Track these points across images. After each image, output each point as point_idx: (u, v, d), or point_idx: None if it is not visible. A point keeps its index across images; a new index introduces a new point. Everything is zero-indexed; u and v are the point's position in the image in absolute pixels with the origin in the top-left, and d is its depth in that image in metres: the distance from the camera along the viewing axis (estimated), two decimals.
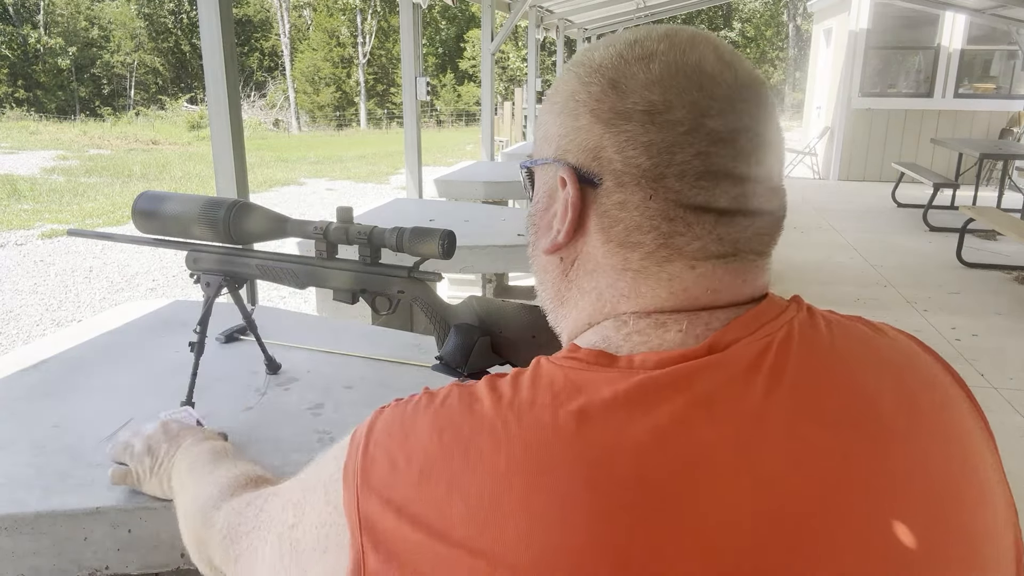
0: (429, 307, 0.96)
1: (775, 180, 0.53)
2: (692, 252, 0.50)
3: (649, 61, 0.51)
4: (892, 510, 0.46)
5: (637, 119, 0.50)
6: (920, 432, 0.50)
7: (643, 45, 0.52)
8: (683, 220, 0.50)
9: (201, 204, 1.04)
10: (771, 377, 0.47)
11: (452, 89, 30.30)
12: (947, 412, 0.53)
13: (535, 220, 0.59)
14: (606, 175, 0.51)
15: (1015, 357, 3.71)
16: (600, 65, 0.53)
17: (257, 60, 32.02)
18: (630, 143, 0.50)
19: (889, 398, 0.50)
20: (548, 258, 0.57)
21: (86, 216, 8.07)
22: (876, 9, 9.80)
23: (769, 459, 0.45)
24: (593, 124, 0.51)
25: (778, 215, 0.55)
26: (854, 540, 0.44)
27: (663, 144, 0.49)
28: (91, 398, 1.15)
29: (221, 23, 1.89)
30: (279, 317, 1.56)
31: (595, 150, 0.51)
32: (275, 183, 11.05)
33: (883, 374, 0.52)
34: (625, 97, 0.50)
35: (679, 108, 0.49)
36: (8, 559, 0.86)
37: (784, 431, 0.46)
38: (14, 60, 27.34)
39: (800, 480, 0.45)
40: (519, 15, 5.44)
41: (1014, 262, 5.59)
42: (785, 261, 5.62)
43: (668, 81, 0.50)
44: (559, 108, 0.55)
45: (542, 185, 0.58)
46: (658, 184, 0.50)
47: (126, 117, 25.02)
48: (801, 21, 29.75)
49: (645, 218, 0.50)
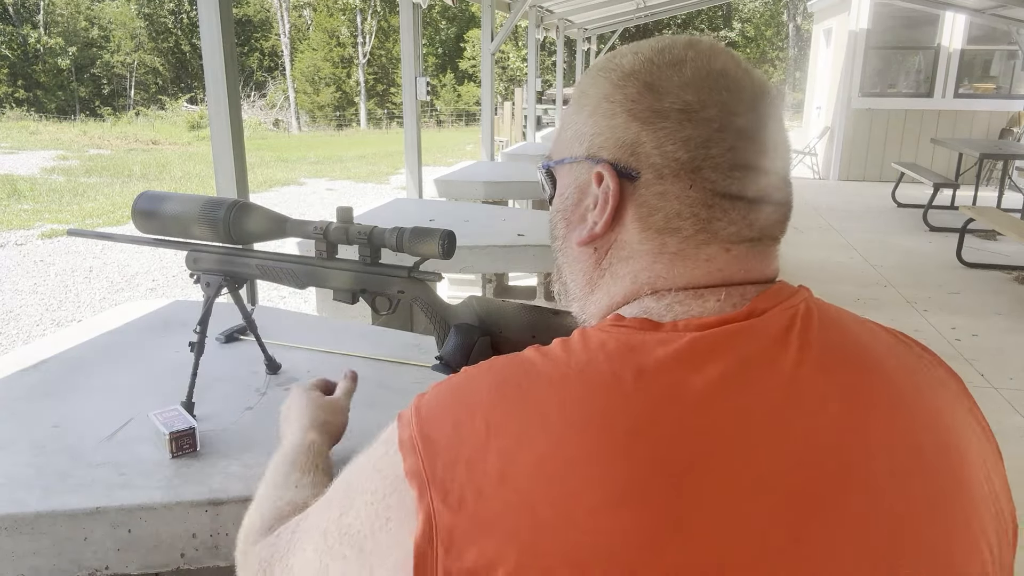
0: (429, 307, 0.96)
1: (786, 173, 0.59)
2: (728, 236, 0.55)
3: (681, 66, 0.56)
4: (905, 481, 0.50)
5: (674, 117, 0.54)
6: (925, 400, 0.55)
7: (672, 52, 0.57)
8: (720, 207, 0.55)
9: (201, 204, 1.04)
10: (800, 347, 0.52)
11: (452, 89, 30.30)
12: (941, 388, 0.58)
13: (566, 215, 0.62)
14: (644, 168, 0.55)
15: (1015, 357, 3.71)
16: (633, 70, 0.57)
17: (257, 60, 32.02)
18: (669, 139, 0.54)
19: (899, 372, 0.55)
20: (581, 249, 0.60)
21: (86, 216, 8.08)
22: (876, 9, 9.79)
23: (801, 421, 0.49)
24: (630, 122, 0.56)
25: (789, 204, 0.59)
26: (871, 510, 0.48)
27: (699, 139, 0.54)
28: (91, 398, 1.15)
29: (221, 23, 1.89)
30: (279, 317, 1.56)
31: (633, 146, 0.55)
32: (275, 183, 11.05)
33: (887, 350, 0.57)
34: (662, 98, 0.55)
35: (712, 107, 0.54)
36: (8, 559, 0.86)
37: (811, 394, 0.50)
38: (14, 60, 27.34)
39: (825, 446, 0.48)
40: (519, 15, 5.44)
41: (1014, 262, 5.60)
42: (785, 261, 5.59)
43: (700, 83, 0.55)
44: (590, 110, 0.59)
45: (571, 182, 0.61)
46: (696, 175, 0.54)
47: (126, 117, 25.02)
48: (801, 21, 29.75)
49: (685, 206, 0.55)
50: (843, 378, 0.52)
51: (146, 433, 1.04)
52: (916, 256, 5.88)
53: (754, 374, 0.49)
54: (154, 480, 0.93)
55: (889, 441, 0.51)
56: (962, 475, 0.53)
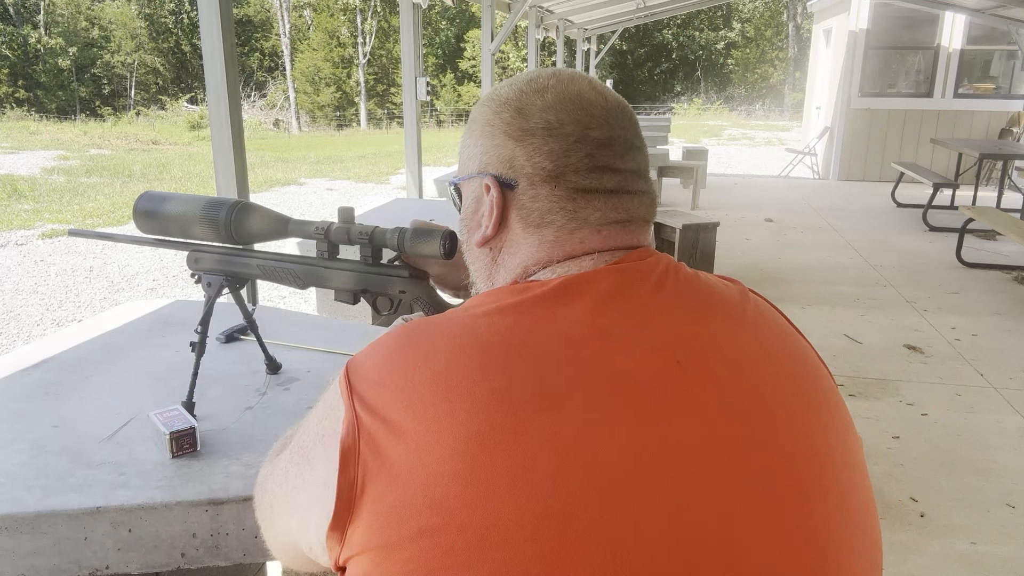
0: (431, 307, 0.96)
1: (644, 169, 0.71)
2: (596, 220, 0.67)
3: (544, 92, 0.69)
4: (754, 375, 0.61)
5: (539, 134, 0.67)
6: (772, 328, 0.67)
7: (537, 82, 0.70)
8: (584, 199, 0.67)
9: (202, 204, 1.04)
10: (657, 284, 0.65)
11: (452, 89, 30.29)
12: (789, 334, 0.69)
13: (467, 223, 0.74)
14: (520, 178, 0.68)
15: (1015, 357, 3.71)
16: (507, 98, 0.70)
17: (257, 60, 32.02)
18: (536, 152, 0.67)
19: (748, 309, 0.67)
20: (480, 250, 0.72)
21: (86, 216, 8.07)
22: (876, 9, 9.79)
23: (657, 333, 0.61)
24: (506, 141, 0.68)
25: (652, 193, 0.72)
26: (719, 396, 0.59)
27: (560, 151, 0.67)
28: (91, 398, 1.15)
29: (221, 23, 1.89)
30: (279, 317, 1.56)
31: (510, 160, 0.68)
32: (275, 183, 11.05)
33: (741, 295, 0.69)
34: (528, 119, 0.68)
35: (569, 124, 0.67)
36: (8, 559, 0.86)
37: (666, 315, 0.63)
38: (14, 60, 27.34)
39: (679, 348, 0.60)
40: (519, 15, 5.45)
41: (1013, 262, 5.60)
42: (785, 261, 5.63)
43: (559, 105, 0.68)
44: (478, 134, 0.71)
45: (469, 195, 0.73)
46: (560, 179, 0.67)
47: (126, 117, 25.01)
48: (801, 21, 29.75)
49: (554, 203, 0.67)
50: (693, 301, 0.65)
51: (146, 433, 1.04)
52: (916, 256, 5.88)
53: (614, 303, 0.62)
54: (154, 480, 0.93)
55: (736, 341, 0.63)
56: (819, 378, 0.65)
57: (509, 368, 0.56)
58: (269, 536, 0.74)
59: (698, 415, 0.57)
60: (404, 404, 0.56)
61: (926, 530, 2.26)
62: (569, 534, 0.50)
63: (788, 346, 0.66)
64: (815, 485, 0.58)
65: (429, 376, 0.56)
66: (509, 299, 0.62)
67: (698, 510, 0.53)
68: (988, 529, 2.26)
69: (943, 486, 2.50)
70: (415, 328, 0.62)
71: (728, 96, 31.64)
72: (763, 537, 0.54)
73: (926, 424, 2.97)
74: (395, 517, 0.53)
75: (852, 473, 0.62)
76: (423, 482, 0.52)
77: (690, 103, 30.66)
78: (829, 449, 0.61)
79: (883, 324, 4.20)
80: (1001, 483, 2.53)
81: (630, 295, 0.62)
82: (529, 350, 0.57)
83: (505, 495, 0.51)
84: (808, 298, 4.64)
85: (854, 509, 0.60)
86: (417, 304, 0.97)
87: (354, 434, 0.57)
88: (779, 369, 0.63)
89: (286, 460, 0.69)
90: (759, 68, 31.55)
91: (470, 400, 0.54)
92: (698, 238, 4.53)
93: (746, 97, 31.32)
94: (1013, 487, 2.50)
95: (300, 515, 0.64)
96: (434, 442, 0.53)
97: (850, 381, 3.38)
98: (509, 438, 0.52)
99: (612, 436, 0.54)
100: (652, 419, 0.55)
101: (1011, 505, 2.39)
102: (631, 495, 0.52)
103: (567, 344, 0.58)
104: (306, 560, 0.69)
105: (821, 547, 0.57)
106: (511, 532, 0.50)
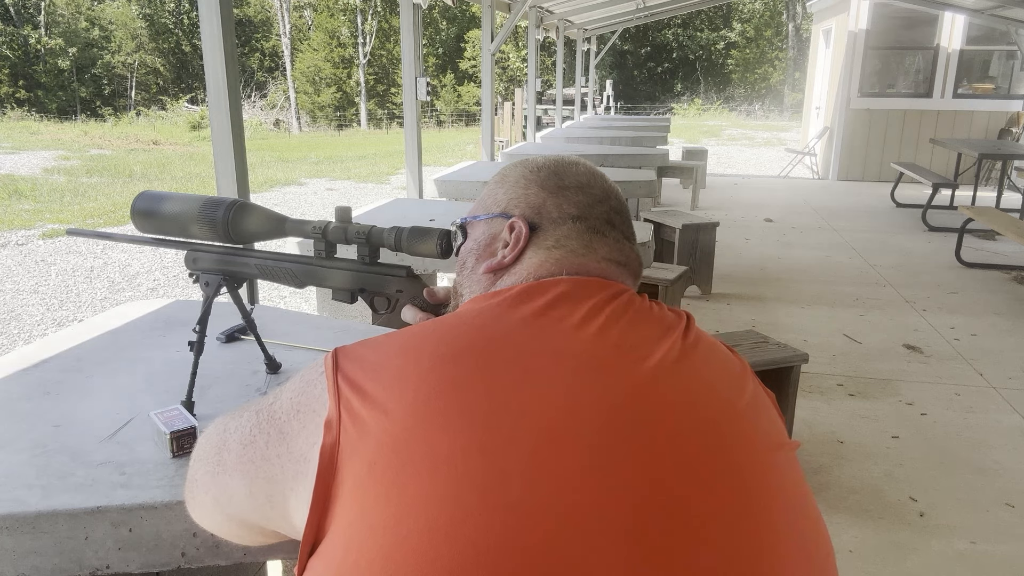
0: (429, 307, 0.96)
1: (634, 237, 0.84)
2: (603, 255, 0.78)
3: (576, 165, 0.84)
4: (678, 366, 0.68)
5: (573, 188, 0.81)
6: (702, 348, 0.73)
7: (568, 159, 0.85)
8: (598, 238, 0.79)
9: (200, 204, 1.04)
10: (593, 309, 0.70)
11: (452, 89, 30.28)
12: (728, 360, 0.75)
13: (475, 253, 0.83)
14: (544, 222, 0.80)
15: (1014, 357, 3.72)
16: (544, 164, 0.84)
17: (258, 60, 32.01)
18: (566, 202, 0.80)
19: (684, 327, 0.73)
20: (484, 275, 0.81)
21: (87, 216, 8.08)
22: (875, 9, 9.80)
23: (600, 325, 0.68)
24: (540, 191, 0.81)
25: (640, 263, 0.83)
26: (651, 369, 0.66)
27: (587, 203, 0.81)
28: (91, 398, 1.15)
29: (222, 23, 1.89)
30: (279, 317, 1.57)
31: (538, 207, 0.80)
32: (276, 183, 11.05)
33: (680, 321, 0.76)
34: (564, 179, 0.82)
35: (596, 188, 0.82)
36: (9, 558, 0.86)
37: (612, 318, 0.70)
38: (15, 60, 27.33)
39: (620, 339, 0.68)
40: (519, 15, 5.45)
41: (1013, 262, 5.60)
42: (785, 261, 5.63)
43: (589, 176, 0.83)
44: (511, 184, 0.84)
45: (485, 230, 0.83)
46: (580, 221, 0.80)
47: (127, 117, 25.00)
48: (801, 21, 29.75)
49: (572, 232, 0.79)
50: (640, 317, 0.72)
51: (147, 432, 1.04)
52: (915, 256, 5.88)
53: (567, 300, 0.70)
54: (155, 479, 0.93)
55: (663, 348, 0.68)
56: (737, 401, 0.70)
57: (458, 339, 0.65)
58: (207, 500, 0.74)
59: (626, 378, 0.64)
60: (375, 371, 0.63)
61: (925, 529, 2.26)
62: (498, 464, 0.57)
63: (711, 362, 0.72)
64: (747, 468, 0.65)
65: (398, 346, 0.65)
66: (485, 301, 0.72)
67: (624, 465, 0.59)
68: (987, 528, 2.27)
69: (942, 485, 2.51)
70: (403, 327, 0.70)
71: (728, 96, 31.61)
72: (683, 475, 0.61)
73: (925, 424, 2.97)
74: (372, 475, 0.58)
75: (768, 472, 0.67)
76: (390, 432, 0.58)
77: (690, 103, 30.63)
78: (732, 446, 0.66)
79: (882, 324, 4.21)
80: (1000, 482, 2.53)
81: (582, 296, 0.71)
82: (481, 330, 0.67)
83: (449, 429, 0.58)
84: (808, 298, 4.64)
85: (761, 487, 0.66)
86: (414, 304, 0.97)
87: (336, 405, 0.61)
88: (695, 374, 0.69)
89: (251, 425, 0.70)
90: (759, 68, 31.52)
91: (425, 361, 0.63)
92: (698, 238, 4.53)
93: (746, 97, 31.28)
94: (1012, 486, 2.50)
95: (269, 488, 0.66)
96: (395, 396, 0.60)
97: (849, 381, 3.39)
98: (451, 389, 0.60)
99: (545, 395, 0.61)
100: (586, 383, 0.63)
101: (1010, 504, 2.39)
102: (557, 443, 0.58)
103: (520, 326, 0.67)
104: (247, 530, 0.73)
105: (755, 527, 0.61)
106: (457, 460, 0.57)
